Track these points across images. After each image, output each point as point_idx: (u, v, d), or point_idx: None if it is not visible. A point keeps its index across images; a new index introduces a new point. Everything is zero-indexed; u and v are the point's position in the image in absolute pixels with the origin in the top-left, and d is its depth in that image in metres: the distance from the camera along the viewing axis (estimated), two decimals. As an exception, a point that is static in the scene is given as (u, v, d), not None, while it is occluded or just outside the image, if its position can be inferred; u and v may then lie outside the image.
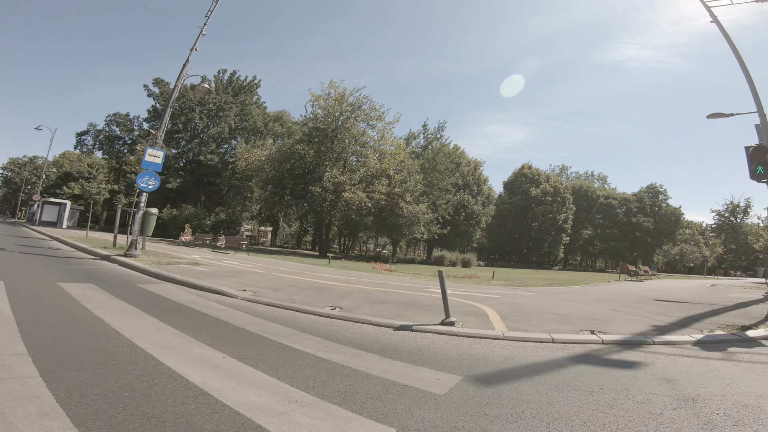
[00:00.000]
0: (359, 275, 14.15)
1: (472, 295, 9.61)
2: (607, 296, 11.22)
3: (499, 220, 59.89)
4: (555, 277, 24.63)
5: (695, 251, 74.63)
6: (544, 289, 12.60)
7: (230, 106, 47.02)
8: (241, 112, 48.11)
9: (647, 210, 66.34)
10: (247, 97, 49.94)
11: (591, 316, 7.30)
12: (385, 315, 6.56)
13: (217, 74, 49.64)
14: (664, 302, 10.01)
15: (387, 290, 9.76)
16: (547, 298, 9.98)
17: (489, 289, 12.09)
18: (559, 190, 59.24)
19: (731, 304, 9.87)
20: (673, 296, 12.01)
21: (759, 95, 15.04)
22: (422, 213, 33.37)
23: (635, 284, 19.27)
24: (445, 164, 41.05)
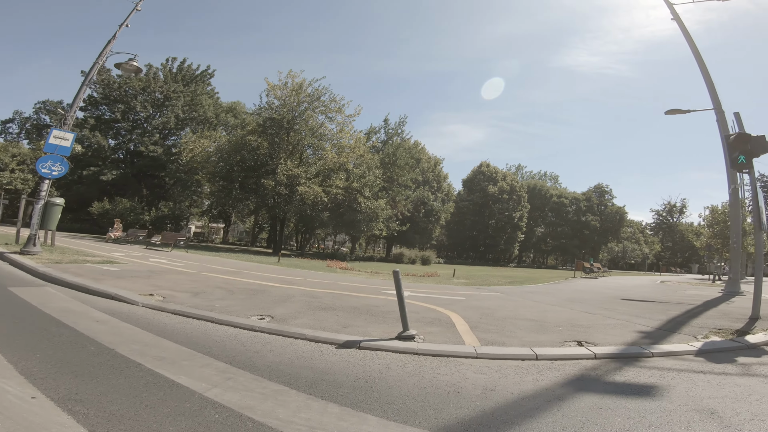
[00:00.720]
0: (308, 275, 12.63)
1: (434, 297, 8.45)
2: (575, 296, 10.52)
3: (458, 218, 60.14)
4: (513, 275, 24.35)
5: (636, 249, 79.54)
6: (509, 289, 11.76)
7: (178, 95, 43.55)
8: (191, 102, 44.73)
9: (595, 209, 69.51)
10: (198, 87, 46.71)
11: (569, 321, 6.33)
12: (327, 326, 5.18)
13: (165, 62, 46.19)
14: (633, 302, 9.40)
15: (337, 293, 8.37)
16: (515, 299, 9.04)
17: (451, 289, 11.04)
18: (515, 189, 60.46)
19: (700, 303, 9.45)
20: (637, 295, 11.58)
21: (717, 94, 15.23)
22: (381, 209, 32.18)
23: (592, 281, 19.18)
24: (405, 159, 40.16)
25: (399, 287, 4.68)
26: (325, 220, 30.93)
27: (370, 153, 36.86)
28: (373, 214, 31.77)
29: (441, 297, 8.60)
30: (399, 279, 4.71)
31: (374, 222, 32.33)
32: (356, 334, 4.82)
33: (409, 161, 41.40)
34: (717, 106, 14.38)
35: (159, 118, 43.60)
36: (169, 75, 45.21)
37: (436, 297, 8.56)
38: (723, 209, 35.55)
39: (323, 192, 29.73)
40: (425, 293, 9.21)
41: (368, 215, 31.65)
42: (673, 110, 15.81)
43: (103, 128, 41.81)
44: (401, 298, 4.67)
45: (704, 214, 38.73)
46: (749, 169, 7.34)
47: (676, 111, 15.70)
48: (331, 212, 31.63)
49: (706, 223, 37.73)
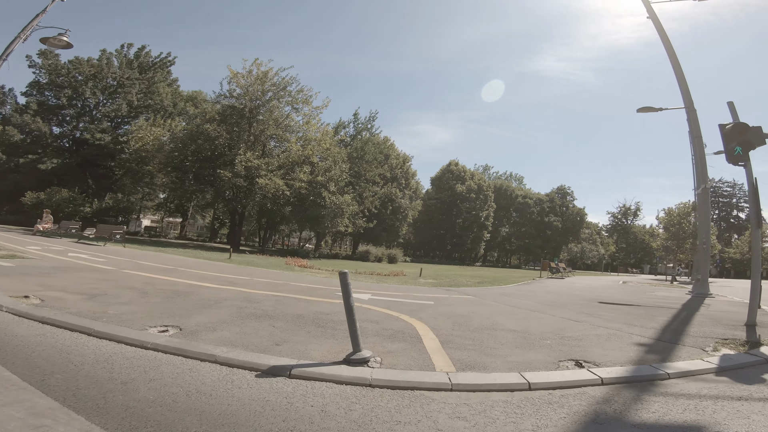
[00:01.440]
0: (258, 273, 11.16)
1: (399, 302, 7.29)
2: (550, 298, 9.71)
3: (426, 216, 59.67)
4: (481, 275, 23.75)
5: (593, 249, 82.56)
6: (480, 291, 10.82)
7: (133, 83, 40.46)
8: (146, 90, 41.70)
9: (557, 210, 71.29)
10: (156, 75, 43.67)
11: (556, 331, 5.35)
12: (255, 342, 3.87)
13: (121, 48, 43.00)
14: (613, 306, 8.68)
15: (283, 296, 7.03)
16: (490, 303, 8.04)
17: (418, 291, 9.94)
18: (482, 188, 60.75)
19: (679, 307, 8.88)
20: (610, 297, 10.98)
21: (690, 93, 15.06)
22: (347, 204, 30.74)
23: (560, 282, 18.80)
24: (373, 154, 38.93)
25: (347, 294, 3.46)
26: (287, 215, 29.16)
27: (338, 147, 35.41)
28: (338, 210, 30.32)
29: (406, 301, 7.45)
30: (347, 282, 3.49)
31: (339, 218, 30.87)
32: (290, 355, 3.56)
33: (377, 156, 40.23)
34: (689, 105, 14.19)
35: (110, 105, 40.26)
36: (124, 61, 42.25)
37: (401, 301, 7.41)
38: (678, 211, 37.02)
39: (285, 185, 27.99)
40: (388, 296, 8.04)
41: (333, 211, 30.15)
42: (645, 108, 15.55)
43: (46, 114, 37.99)
44: (350, 308, 3.45)
45: (660, 216, 40.41)
46: (745, 162, 6.68)
47: (648, 109, 15.45)
48: (293, 207, 29.90)
49: (662, 225, 39.27)
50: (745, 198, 78.88)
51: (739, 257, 68.82)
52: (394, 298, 7.82)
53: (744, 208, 79.23)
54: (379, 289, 9.22)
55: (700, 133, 13.60)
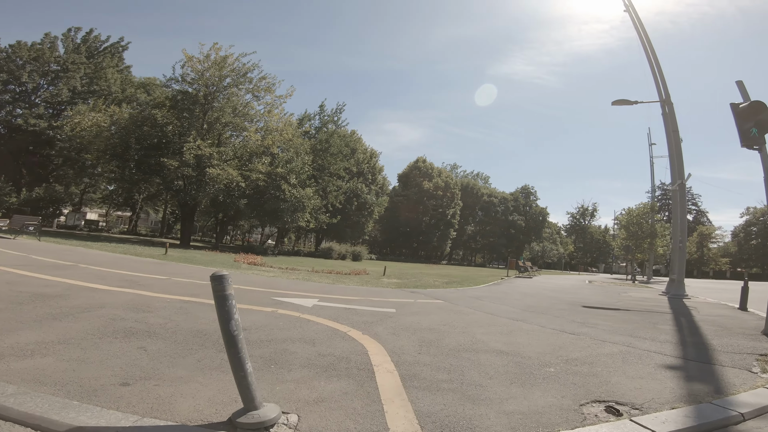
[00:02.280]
0: (186, 272, 9.29)
1: (353, 309, 5.79)
2: (528, 301, 8.53)
3: (392, 213, 58.54)
4: (448, 273, 22.70)
5: (554, 249, 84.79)
6: (450, 293, 9.48)
7: (77, 67, 36.95)
8: (93, 75, 38.23)
9: (521, 209, 72.35)
10: (105, 60, 40.29)
11: (555, 351, 4.04)
12: (88, 378, 2.20)
13: (68, 32, 39.79)
14: (599, 310, 7.61)
15: (196, 301, 5.34)
16: (463, 310, 6.69)
17: (379, 294, 8.46)
18: (449, 186, 60.34)
19: (668, 310, 7.98)
20: (589, 299, 10.03)
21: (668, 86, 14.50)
22: (308, 198, 28.81)
23: (529, 281, 18.01)
24: (338, 147, 37.16)
25: (226, 314, 1.89)
26: (243, 208, 26.86)
27: (301, 138, 33.38)
28: (299, 204, 28.36)
29: (362, 309, 5.96)
30: (226, 294, 1.93)
31: (300, 212, 28.91)
32: (134, 407, 1.96)
33: (342, 149, 38.49)
34: (666, 99, 13.61)
35: (51, 90, 36.50)
36: (71, 46, 39.09)
37: (355, 309, 5.90)
38: (638, 211, 37.88)
39: (241, 176, 25.72)
40: (341, 302, 6.52)
41: (293, 205, 28.16)
42: (620, 100, 14.90)
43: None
44: (232, 338, 1.90)
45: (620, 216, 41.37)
46: (761, 145, 5.70)
47: (624, 102, 14.81)
48: (250, 200, 27.64)
49: (621, 224, 40.17)
50: (692, 201, 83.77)
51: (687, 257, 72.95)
52: (348, 304, 6.31)
53: (692, 211, 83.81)
54: (331, 293, 7.68)
55: (677, 127, 13.03)
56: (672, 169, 13.69)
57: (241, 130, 30.60)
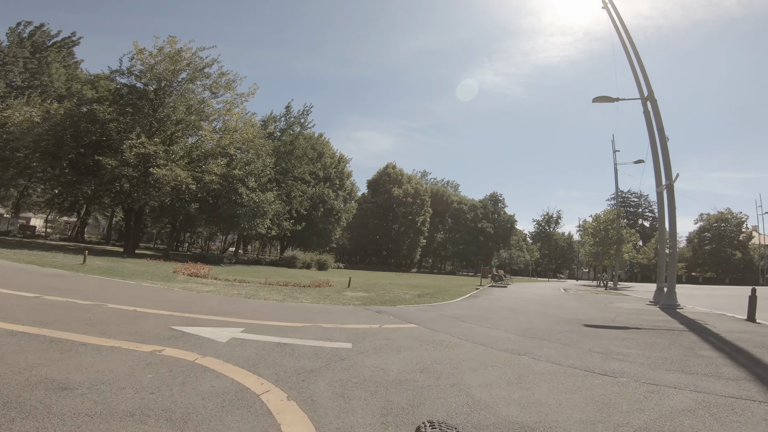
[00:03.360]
0: (81, 288, 7.12)
1: (288, 345, 4.01)
2: (520, 322, 7.04)
3: (361, 221, 56.79)
4: (419, 284, 21.20)
5: (521, 255, 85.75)
6: (424, 312, 7.81)
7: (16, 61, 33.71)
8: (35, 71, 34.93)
9: (490, 216, 72.51)
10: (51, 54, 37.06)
11: (605, 414, 2.50)
12: None
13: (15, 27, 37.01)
14: (609, 330, 6.24)
15: (33, 334, 3.38)
16: (444, 339, 5.05)
17: (334, 317, 6.69)
18: (419, 192, 59.39)
19: (681, 327, 6.71)
20: (583, 314, 8.73)
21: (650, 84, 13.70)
22: (269, 202, 26.54)
23: (506, 291, 16.79)
24: (304, 149, 35.06)
25: None
26: (193, 213, 24.27)
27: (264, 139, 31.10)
28: (259, 209, 26.07)
29: (303, 344, 4.18)
30: None
31: (260, 218, 26.59)
32: None
33: (308, 152, 36.39)
34: (649, 95, 12.78)
35: None
36: (15, 39, 36.20)
37: (294, 344, 4.12)
38: (604, 218, 38.13)
39: (191, 178, 23.21)
40: (277, 332, 4.72)
41: (252, 210, 25.83)
42: (601, 97, 14.04)
43: None
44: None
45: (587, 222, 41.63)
46: None
47: (605, 99, 13.95)
48: (203, 204, 25.09)
49: (589, 231, 40.38)
50: (649, 208, 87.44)
51: (646, 262, 75.58)
52: (285, 335, 4.52)
53: (648, 217, 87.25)
54: (269, 316, 5.85)
55: (662, 125, 12.19)
56: (656, 169, 12.84)
57: (195, 129, 28.02)
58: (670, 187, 11.49)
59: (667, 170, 11.70)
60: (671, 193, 11.46)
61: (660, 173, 12.73)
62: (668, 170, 11.69)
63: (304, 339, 4.41)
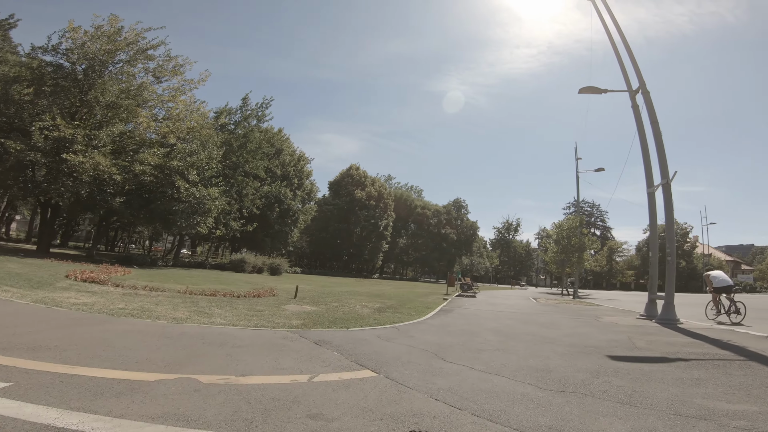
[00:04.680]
0: None
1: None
2: (518, 352, 5.02)
3: (322, 223, 53.93)
4: (380, 292, 19.04)
5: (482, 262, 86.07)
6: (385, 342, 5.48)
7: None
8: None
9: (453, 222, 71.85)
10: None
11: None
12: None
13: None
14: (643, 364, 4.40)
15: None
16: (421, 410, 2.85)
17: (248, 351, 4.37)
18: (382, 196, 57.44)
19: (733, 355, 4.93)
20: (578, 334, 6.94)
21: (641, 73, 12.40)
22: (212, 199, 23.38)
23: (479, 303, 15.03)
24: (258, 142, 31.95)
25: None
26: (117, 207, 20.70)
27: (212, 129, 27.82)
28: (200, 206, 22.87)
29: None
30: None
31: (201, 216, 23.37)
32: None
33: (263, 147, 33.27)
34: (641, 86, 11.43)
35: None
36: None
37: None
38: (567, 225, 37.94)
39: (115, 167, 19.81)
40: (83, 395, 2.33)
41: (192, 206, 22.61)
42: (588, 88, 12.62)
43: None
44: None
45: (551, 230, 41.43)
46: None
47: (592, 90, 12.53)
48: (131, 198, 21.57)
49: (552, 238, 40.12)
50: (601, 218, 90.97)
51: (598, 269, 78.06)
52: (87, 407, 2.16)
53: (600, 226, 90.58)
54: (114, 354, 3.43)
55: (657, 118, 10.84)
56: (647, 168, 11.53)
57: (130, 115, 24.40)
58: (667, 186, 10.10)
59: (662, 167, 10.33)
60: (668, 193, 10.07)
61: (651, 172, 11.41)
62: (664, 167, 10.32)
63: (122, 421, 2.08)
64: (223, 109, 34.99)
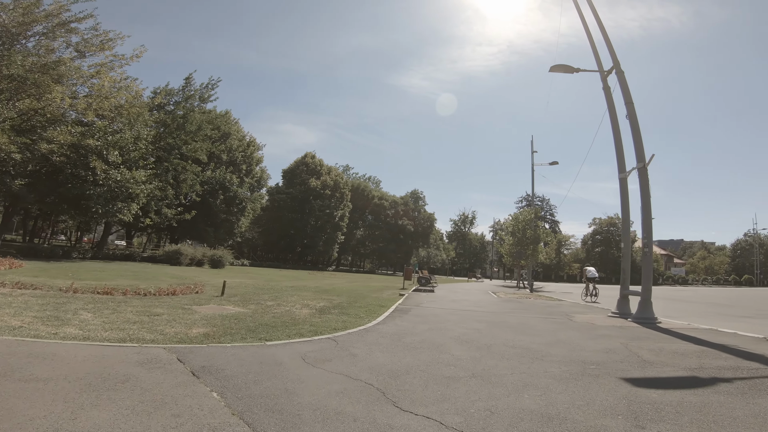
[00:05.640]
0: None
1: None
2: (508, 379, 3.53)
3: (274, 213, 50.86)
4: (331, 286, 17.32)
5: (438, 255, 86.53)
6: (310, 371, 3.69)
7: None
8: None
9: (411, 213, 71.15)
10: None
11: None
12: None
13: None
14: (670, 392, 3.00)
15: None
16: None
17: (85, 365, 2.48)
18: (339, 185, 55.22)
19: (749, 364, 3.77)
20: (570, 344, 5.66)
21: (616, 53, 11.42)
22: (137, 182, 20.28)
23: (438, 299, 13.76)
24: (198, 123, 28.69)
25: None
26: (17, 190, 17.24)
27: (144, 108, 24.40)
28: (122, 190, 19.77)
29: None
30: None
31: (124, 202, 20.25)
32: None
33: (206, 128, 29.94)
34: (615, 66, 10.44)
35: None
36: None
37: None
38: (522, 217, 38.12)
39: (14, 146, 16.47)
40: None
41: (111, 190, 19.48)
42: (559, 66, 11.55)
43: None
44: None
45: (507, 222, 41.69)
46: None
47: (564, 68, 11.48)
48: (36, 180, 18.15)
49: (509, 230, 40.28)
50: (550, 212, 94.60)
51: (548, 262, 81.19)
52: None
53: (549, 220, 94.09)
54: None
55: (631, 98, 9.91)
56: (618, 151, 10.65)
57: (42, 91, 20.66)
58: (643, 170, 9.17)
59: (638, 151, 9.41)
60: (645, 178, 9.14)
61: (623, 156, 10.53)
62: (640, 150, 9.41)
63: None
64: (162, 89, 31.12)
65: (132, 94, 24.13)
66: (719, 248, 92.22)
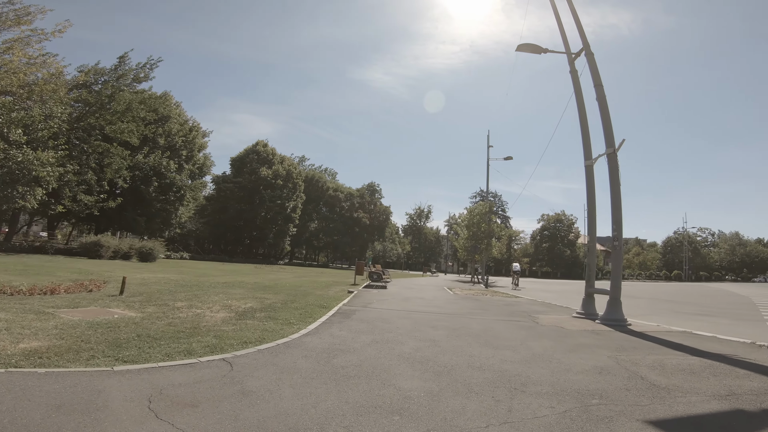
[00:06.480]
0: None
1: None
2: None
3: (221, 203, 47.37)
4: (273, 281, 15.59)
5: (394, 248, 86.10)
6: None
7: None
8: None
9: (366, 206, 69.78)
10: None
11: None
12: None
13: None
14: None
15: None
16: None
17: None
18: (292, 175, 52.58)
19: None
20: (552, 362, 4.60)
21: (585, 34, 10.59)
22: (43, 164, 17.11)
23: (390, 298, 12.54)
24: (127, 102, 25.21)
25: None
26: None
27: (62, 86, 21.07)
28: (23, 173, 16.62)
29: None
30: None
31: (27, 186, 17.08)
32: None
33: (137, 109, 26.29)
34: (585, 47, 9.63)
35: None
36: None
37: None
38: (478, 211, 38.03)
39: None
40: None
41: (12, 172, 16.32)
42: (526, 45, 10.59)
43: None
44: None
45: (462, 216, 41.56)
46: None
47: (531, 48, 10.53)
48: None
49: (464, 224, 40.16)
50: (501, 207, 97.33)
51: (499, 257, 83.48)
52: None
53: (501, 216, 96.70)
54: None
55: (601, 81, 9.14)
56: (584, 136, 9.90)
57: None
58: (613, 156, 8.41)
59: (608, 135, 8.66)
60: (614, 164, 8.39)
61: (590, 143, 9.80)
62: (609, 135, 8.66)
63: None
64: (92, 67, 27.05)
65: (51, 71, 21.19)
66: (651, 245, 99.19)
